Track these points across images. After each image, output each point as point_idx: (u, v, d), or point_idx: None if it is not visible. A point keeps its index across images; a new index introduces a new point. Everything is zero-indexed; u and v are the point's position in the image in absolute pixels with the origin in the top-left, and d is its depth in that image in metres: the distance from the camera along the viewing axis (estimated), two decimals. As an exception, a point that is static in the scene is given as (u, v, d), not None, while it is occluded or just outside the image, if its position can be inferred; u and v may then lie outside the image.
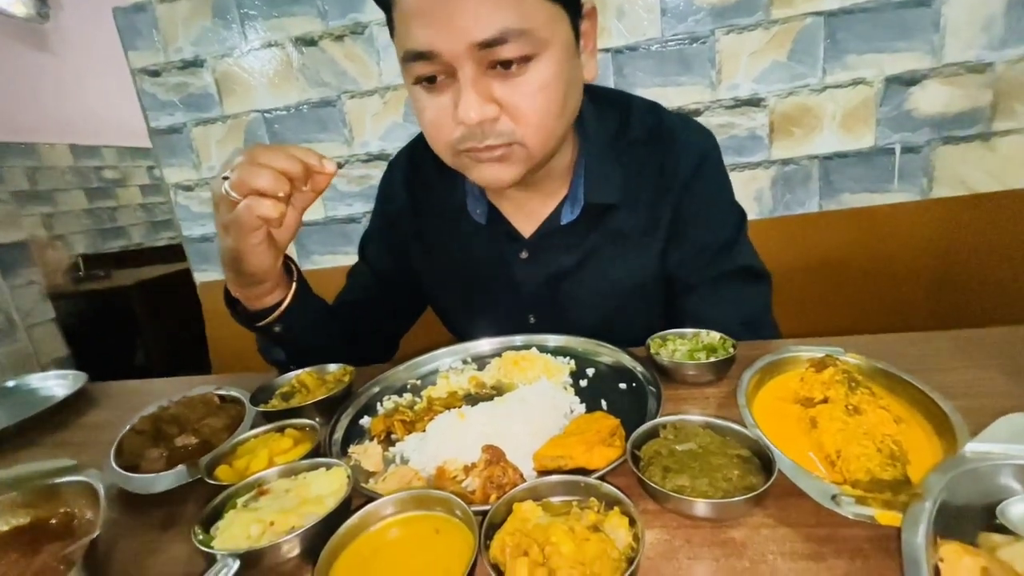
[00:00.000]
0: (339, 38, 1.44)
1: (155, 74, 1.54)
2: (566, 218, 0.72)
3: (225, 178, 0.54)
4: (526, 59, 0.53)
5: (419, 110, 0.61)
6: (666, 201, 0.72)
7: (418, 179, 0.83)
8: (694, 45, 1.30)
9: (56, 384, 0.93)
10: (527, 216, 0.75)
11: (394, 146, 1.50)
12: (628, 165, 0.71)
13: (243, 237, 0.57)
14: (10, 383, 0.96)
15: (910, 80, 1.25)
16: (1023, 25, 1.18)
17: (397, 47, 0.58)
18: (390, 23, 0.59)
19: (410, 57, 0.55)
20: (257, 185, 0.52)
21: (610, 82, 1.36)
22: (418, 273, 0.88)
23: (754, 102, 1.32)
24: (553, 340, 0.76)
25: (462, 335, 0.79)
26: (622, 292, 0.75)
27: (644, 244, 0.73)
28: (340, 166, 0.58)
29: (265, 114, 1.53)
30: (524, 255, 0.76)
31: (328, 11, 1.42)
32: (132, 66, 1.54)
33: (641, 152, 0.72)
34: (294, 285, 0.69)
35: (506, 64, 0.53)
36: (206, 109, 1.55)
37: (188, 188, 1.63)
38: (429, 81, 0.57)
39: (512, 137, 0.57)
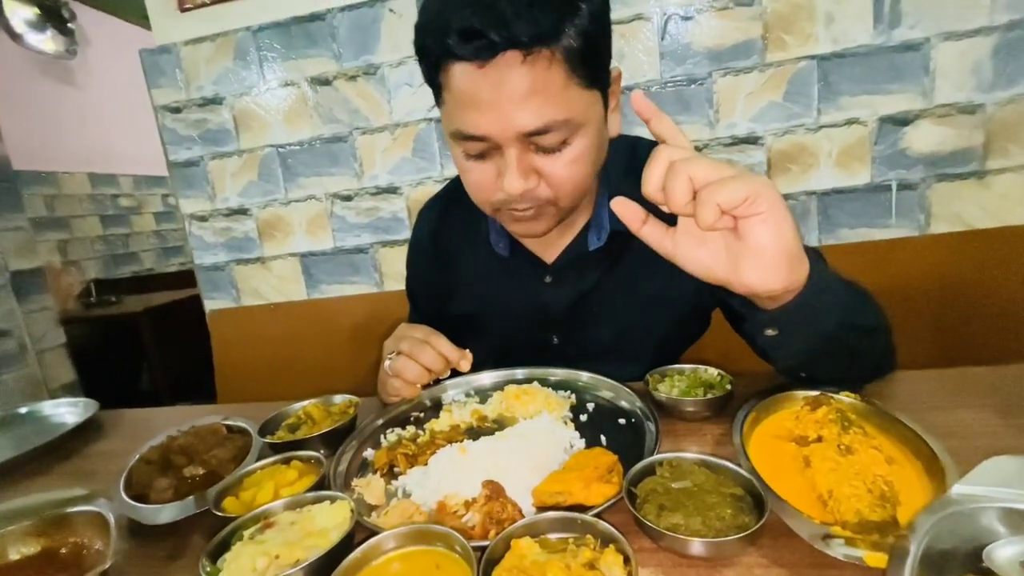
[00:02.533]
0: (352, 78, 1.50)
1: (176, 111, 1.61)
2: (593, 244, 0.77)
3: (390, 356, 0.74)
4: (564, 140, 0.60)
5: (463, 171, 0.67)
6: None
7: (445, 224, 0.92)
8: (692, 86, 1.35)
9: (67, 411, 0.95)
10: (548, 246, 0.81)
11: (402, 180, 1.55)
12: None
13: (386, 396, 0.76)
14: (22, 409, 0.98)
15: (903, 120, 1.29)
16: (1010, 69, 1.22)
17: (445, 122, 0.64)
18: (437, 98, 0.64)
19: (460, 137, 0.61)
20: (404, 376, 0.72)
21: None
22: (449, 305, 0.92)
23: (751, 140, 1.36)
24: (554, 374, 0.77)
25: (488, 359, 0.83)
26: (638, 307, 0.80)
27: (662, 264, 0.77)
28: (471, 362, 0.73)
29: (279, 148, 1.59)
30: (548, 279, 0.81)
31: (343, 53, 1.49)
32: (155, 103, 1.62)
33: None
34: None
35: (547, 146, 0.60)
36: (223, 144, 1.61)
37: (202, 218, 1.68)
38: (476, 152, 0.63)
39: (547, 200, 0.64)
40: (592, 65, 0.58)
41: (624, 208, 0.50)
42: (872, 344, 0.62)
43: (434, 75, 0.61)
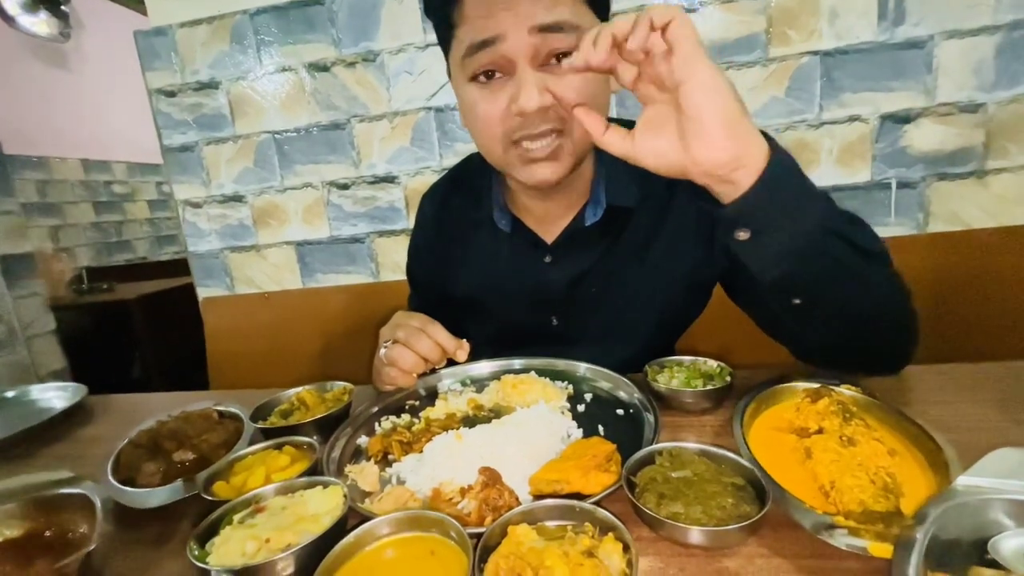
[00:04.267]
0: (351, 65, 1.48)
1: (171, 94, 1.59)
2: (589, 220, 0.77)
3: (386, 344, 0.72)
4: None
5: (472, 106, 0.67)
6: (678, 204, 0.77)
7: (448, 206, 0.91)
8: (694, 80, 1.34)
9: (56, 396, 0.94)
10: (549, 225, 0.80)
11: (400, 169, 1.53)
12: (641, 173, 0.76)
13: (381, 385, 0.75)
14: (9, 393, 0.96)
15: (904, 118, 1.28)
16: (1012, 69, 1.22)
17: (457, 49, 0.66)
18: (447, 40, 0.67)
19: (474, 49, 0.62)
20: (400, 365, 0.70)
21: (614, 113, 1.40)
22: (451, 287, 0.91)
23: (753, 135, 1.35)
24: (552, 364, 0.76)
25: (489, 343, 0.83)
26: (637, 287, 0.79)
27: (659, 243, 0.77)
28: (468, 352, 0.72)
29: (276, 135, 1.57)
30: (548, 259, 0.81)
31: (342, 39, 1.47)
32: (149, 86, 1.59)
33: None
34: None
35: (559, 56, 0.61)
36: (218, 129, 1.59)
37: (197, 205, 1.66)
38: (486, 76, 0.64)
39: (562, 124, 0.64)
40: None
41: (586, 116, 0.52)
42: (872, 271, 0.55)
43: (449, 9, 0.64)
